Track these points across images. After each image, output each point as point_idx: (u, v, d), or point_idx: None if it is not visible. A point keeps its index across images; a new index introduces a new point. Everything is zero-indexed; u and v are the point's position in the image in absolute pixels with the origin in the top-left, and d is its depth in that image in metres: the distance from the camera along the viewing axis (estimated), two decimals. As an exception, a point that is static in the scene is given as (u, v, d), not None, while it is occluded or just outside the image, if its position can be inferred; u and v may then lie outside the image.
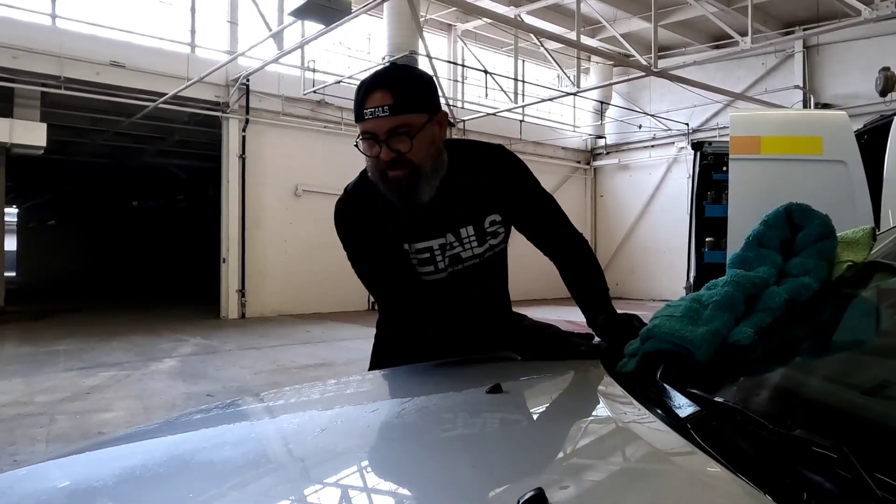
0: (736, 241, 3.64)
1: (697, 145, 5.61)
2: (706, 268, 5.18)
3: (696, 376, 0.96)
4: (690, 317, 1.05)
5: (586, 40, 12.18)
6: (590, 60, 15.37)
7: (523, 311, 1.68)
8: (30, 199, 23.99)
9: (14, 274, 24.04)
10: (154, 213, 21.67)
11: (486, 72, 13.59)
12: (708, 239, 5.34)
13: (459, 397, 1.10)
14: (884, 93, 8.58)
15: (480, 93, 14.86)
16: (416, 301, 1.43)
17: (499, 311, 1.58)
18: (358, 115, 1.30)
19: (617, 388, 1.02)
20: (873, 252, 1.20)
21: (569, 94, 13.32)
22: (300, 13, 7.67)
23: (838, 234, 1.20)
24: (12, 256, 23.34)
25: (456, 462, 0.81)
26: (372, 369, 1.59)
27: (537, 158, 15.80)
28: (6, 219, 12.86)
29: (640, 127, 16.01)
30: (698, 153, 5.52)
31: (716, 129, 14.06)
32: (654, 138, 16.01)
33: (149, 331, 9.22)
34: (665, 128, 15.52)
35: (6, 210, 13.15)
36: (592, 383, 1.17)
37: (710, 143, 5.81)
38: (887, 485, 0.57)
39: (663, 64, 10.95)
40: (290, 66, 11.77)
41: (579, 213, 16.84)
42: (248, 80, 11.24)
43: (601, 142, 17.13)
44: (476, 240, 1.45)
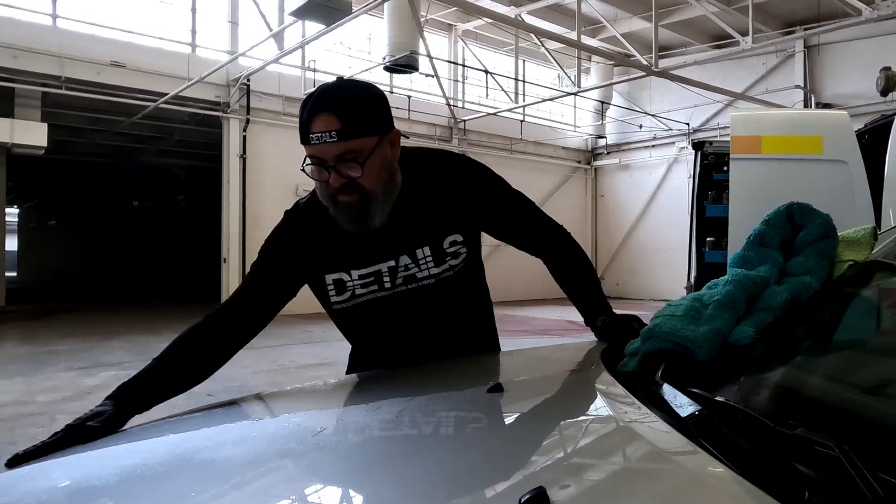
0: (737, 240, 3.64)
1: (698, 145, 5.62)
2: (707, 267, 5.18)
3: (697, 375, 0.96)
4: (691, 316, 1.05)
5: (587, 40, 12.19)
6: (590, 60, 15.37)
7: (524, 312, 1.66)
8: (30, 198, 24.01)
9: (15, 274, 24.06)
10: (155, 213, 21.67)
11: (486, 72, 13.59)
12: (709, 238, 5.35)
13: (460, 396, 1.10)
14: (884, 92, 8.58)
15: (481, 93, 14.87)
16: (197, 337, 1.33)
17: (464, 332, 1.48)
18: (303, 138, 1.21)
19: (618, 388, 1.02)
20: (874, 251, 1.20)
21: (569, 93, 13.33)
22: (301, 13, 7.68)
23: (839, 234, 1.19)
24: (13, 256, 23.35)
25: (457, 461, 0.81)
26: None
27: (538, 158, 15.82)
28: (7, 218, 12.87)
29: (640, 127, 16.01)
30: (699, 153, 5.52)
31: (716, 128, 14.06)
32: (654, 138, 16.02)
33: (149, 330, 9.22)
34: (666, 127, 15.52)
35: (7, 210, 13.16)
36: (593, 382, 1.17)
37: (711, 142, 5.82)
38: (889, 484, 0.57)
39: (664, 64, 10.95)
40: (291, 65, 11.77)
41: (580, 213, 16.85)
42: (248, 80, 11.25)
43: (602, 142, 17.13)
44: (433, 260, 1.37)
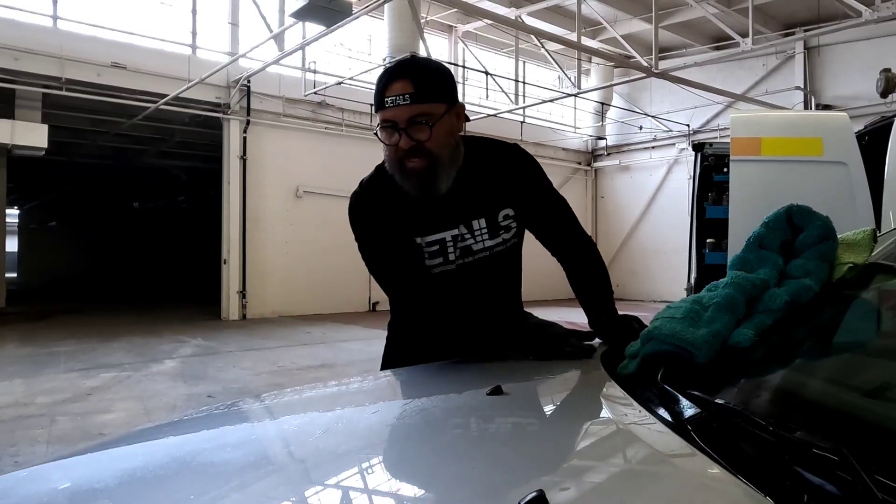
0: (737, 242, 3.64)
1: (698, 146, 5.62)
2: (707, 269, 5.18)
3: (696, 378, 0.96)
4: (691, 318, 1.06)
5: (587, 41, 12.19)
6: (590, 62, 15.38)
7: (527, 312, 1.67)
8: (31, 200, 24.01)
9: (15, 275, 24.05)
10: (155, 215, 21.67)
11: (486, 73, 13.60)
12: (709, 240, 5.34)
13: (460, 399, 1.10)
14: (884, 94, 8.57)
15: (481, 94, 14.88)
16: (427, 296, 1.43)
17: (507, 307, 1.57)
18: (378, 104, 1.31)
19: (618, 390, 1.02)
20: (874, 254, 1.20)
21: (569, 95, 13.32)
22: (301, 14, 7.68)
23: (839, 236, 1.20)
24: (13, 257, 23.34)
25: (456, 464, 0.81)
26: (384, 369, 1.59)
27: (538, 159, 15.76)
28: (7, 220, 12.87)
29: (640, 128, 16.01)
30: (699, 154, 5.52)
31: (716, 130, 14.06)
32: (654, 139, 16.02)
33: (149, 332, 9.23)
34: (666, 129, 15.53)
35: (7, 211, 13.17)
36: (593, 385, 1.17)
37: (711, 144, 5.82)
38: (888, 487, 0.57)
39: (664, 65, 10.95)
40: (291, 67, 11.78)
41: (580, 215, 16.35)
42: (248, 82, 11.25)
43: (602, 143, 17.13)
44: (488, 233, 1.46)
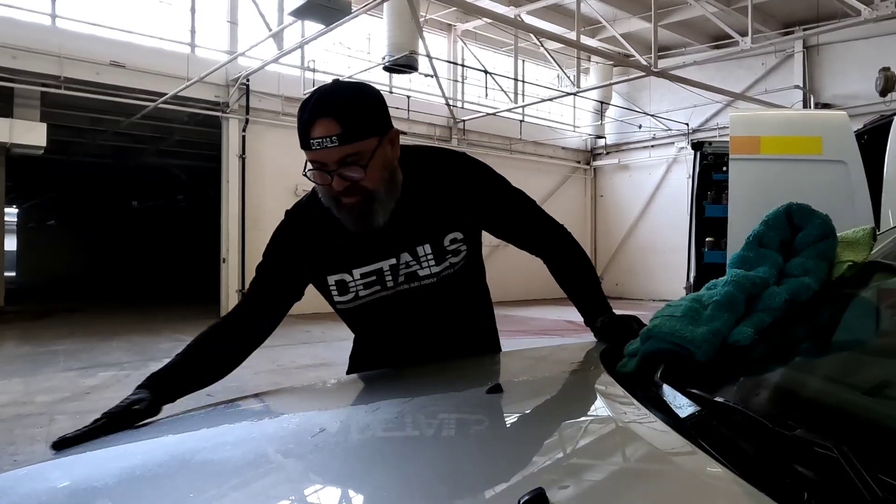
0: (736, 241, 3.65)
1: (697, 145, 5.62)
2: (706, 268, 5.18)
3: (696, 376, 0.96)
4: (691, 317, 1.05)
5: (586, 40, 12.19)
6: (590, 60, 15.37)
7: (523, 312, 1.67)
8: (30, 198, 23.98)
9: (14, 274, 24.04)
10: (154, 213, 21.67)
11: (486, 72, 13.59)
12: (708, 239, 5.35)
13: (459, 397, 1.10)
14: (884, 93, 8.60)
15: (480, 93, 14.87)
16: (213, 333, 1.37)
17: (463, 326, 1.50)
18: (304, 143, 1.21)
19: (617, 388, 1.02)
20: (873, 252, 1.20)
21: (569, 94, 13.32)
22: (300, 13, 7.67)
23: (838, 235, 1.20)
24: (12, 256, 23.33)
25: (456, 462, 0.81)
26: None
27: (537, 158, 15.82)
28: (6, 219, 12.86)
29: (639, 127, 16.01)
30: (698, 153, 5.53)
31: (716, 129, 14.06)
32: (653, 138, 16.02)
33: (148, 331, 9.23)
34: (665, 128, 15.53)
35: (6, 210, 13.15)
36: (592, 383, 1.17)
37: (710, 143, 5.82)
38: (888, 485, 0.57)
39: (663, 64, 10.95)
40: (290, 65, 11.76)
41: (579, 213, 16.85)
42: (248, 80, 11.24)
43: (601, 142, 17.13)
44: (434, 258, 1.37)
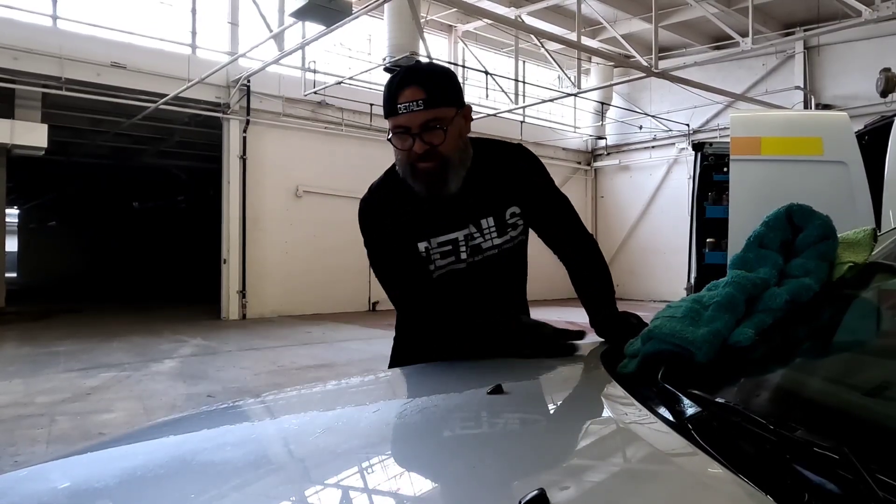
0: (736, 241, 3.64)
1: (698, 146, 5.62)
2: (707, 269, 5.18)
3: (697, 377, 0.96)
4: (691, 318, 1.06)
5: (587, 41, 12.19)
6: (590, 61, 15.38)
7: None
8: (30, 199, 24.01)
9: (15, 275, 24.06)
10: (155, 214, 21.68)
11: (486, 73, 13.60)
12: (708, 240, 5.35)
13: (461, 398, 1.10)
14: (884, 94, 8.57)
15: (481, 94, 14.87)
16: (432, 303, 1.46)
17: (513, 304, 1.61)
18: (390, 110, 1.34)
19: (618, 389, 1.02)
20: (874, 253, 1.20)
21: (569, 94, 13.32)
22: (301, 14, 7.68)
23: (839, 235, 1.20)
24: (13, 257, 23.34)
25: (457, 463, 0.81)
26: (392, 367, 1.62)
27: (538, 159, 15.82)
28: (7, 219, 12.87)
29: (640, 128, 16.02)
30: (699, 154, 5.53)
31: (716, 129, 14.06)
32: (654, 139, 16.02)
33: (149, 331, 9.23)
34: (665, 128, 15.53)
35: (7, 211, 13.16)
36: (593, 384, 1.17)
37: (711, 143, 5.82)
38: (888, 486, 0.57)
39: (664, 65, 10.95)
40: (291, 66, 11.77)
41: (580, 214, 16.68)
42: (248, 81, 11.25)
43: (602, 143, 17.13)
44: (496, 231, 1.48)
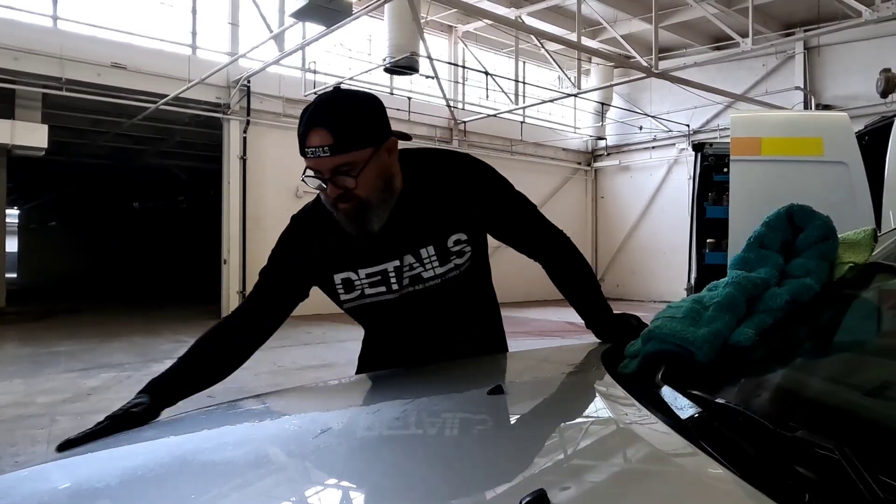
0: (737, 242, 3.64)
1: (698, 146, 5.62)
2: (707, 269, 5.18)
3: (697, 377, 0.96)
4: (692, 318, 1.06)
5: (587, 42, 12.19)
6: (590, 62, 15.38)
7: (524, 313, 1.68)
8: (31, 200, 24.01)
9: (15, 275, 24.06)
10: (155, 215, 21.68)
11: (486, 73, 13.60)
12: (709, 240, 5.35)
13: (460, 398, 1.10)
14: (884, 94, 8.57)
15: (481, 94, 14.88)
16: (229, 329, 1.40)
17: (468, 329, 1.52)
18: (301, 150, 1.27)
19: (618, 389, 1.02)
20: (874, 253, 1.20)
21: (569, 95, 13.33)
22: (301, 14, 7.68)
23: (839, 236, 1.20)
24: (13, 257, 23.34)
25: (457, 463, 0.81)
26: None
27: (538, 160, 15.82)
28: (7, 220, 12.88)
29: (640, 128, 16.02)
30: (699, 154, 5.53)
31: (716, 130, 14.06)
32: (654, 139, 16.02)
33: (150, 332, 9.23)
34: (666, 129, 15.53)
35: (7, 211, 13.17)
36: (593, 384, 1.17)
37: (711, 144, 5.82)
38: (889, 486, 0.57)
39: (664, 65, 10.96)
40: (291, 67, 11.78)
41: (580, 215, 16.85)
42: (248, 82, 11.25)
43: (602, 143, 17.13)
44: (437, 260, 1.40)
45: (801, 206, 1.22)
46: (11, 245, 20.72)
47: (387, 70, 11.41)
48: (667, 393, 0.93)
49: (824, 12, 11.65)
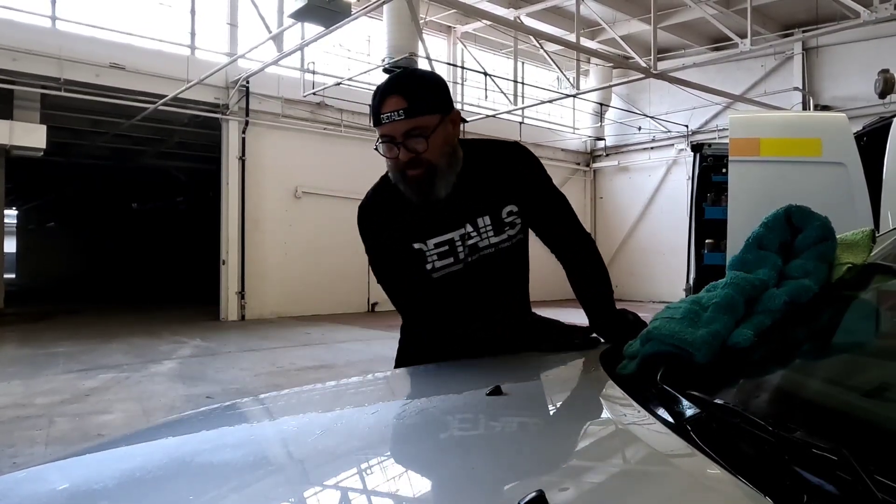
0: (735, 243, 3.64)
1: (697, 147, 5.62)
2: (706, 269, 5.18)
3: (695, 378, 0.96)
4: (690, 319, 1.06)
5: (586, 42, 12.18)
6: (589, 62, 15.38)
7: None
8: (29, 200, 24.00)
9: (14, 276, 24.04)
10: (154, 215, 21.66)
11: (485, 74, 13.60)
12: (707, 241, 5.34)
13: (459, 399, 1.10)
14: (883, 95, 8.60)
15: (480, 95, 14.88)
16: (432, 306, 1.48)
17: (515, 303, 1.61)
18: (375, 120, 1.37)
19: (617, 390, 1.02)
20: (873, 254, 1.20)
21: (568, 95, 13.33)
22: (300, 15, 7.67)
23: (838, 237, 1.20)
24: (12, 258, 23.35)
25: (456, 464, 0.81)
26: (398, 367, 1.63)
27: (537, 160, 15.83)
28: (6, 220, 12.86)
29: (639, 129, 16.03)
30: (698, 155, 5.53)
31: (715, 130, 14.07)
32: (653, 140, 16.03)
33: (148, 333, 9.22)
34: (664, 130, 15.54)
35: (6, 212, 13.16)
36: (593, 385, 1.17)
37: (710, 144, 5.82)
38: (887, 487, 0.57)
39: (663, 66, 10.96)
40: (290, 67, 11.77)
41: (579, 215, 16.42)
42: (247, 82, 11.25)
43: (601, 143, 17.14)
44: (493, 229, 1.50)
45: (799, 207, 1.22)
46: (10, 246, 20.72)
47: (386, 70, 11.41)
48: (665, 394, 0.93)
49: (823, 13, 11.66)
